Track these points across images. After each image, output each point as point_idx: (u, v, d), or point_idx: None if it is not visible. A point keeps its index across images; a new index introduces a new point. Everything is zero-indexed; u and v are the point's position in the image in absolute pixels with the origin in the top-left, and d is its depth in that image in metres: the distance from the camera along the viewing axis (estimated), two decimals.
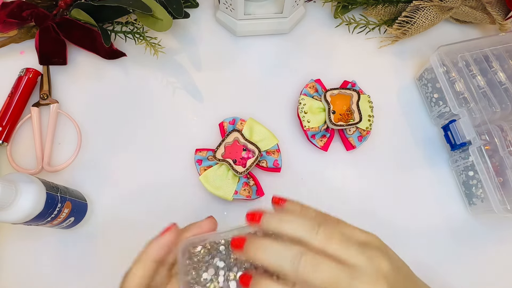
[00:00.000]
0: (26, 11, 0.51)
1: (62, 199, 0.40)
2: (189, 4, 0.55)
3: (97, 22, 0.49)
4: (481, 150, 0.44)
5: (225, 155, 0.46)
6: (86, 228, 0.46)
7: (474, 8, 0.55)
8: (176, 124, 0.51)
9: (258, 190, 0.46)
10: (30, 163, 0.49)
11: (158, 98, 0.52)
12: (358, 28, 0.57)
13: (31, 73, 0.51)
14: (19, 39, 0.53)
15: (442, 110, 0.50)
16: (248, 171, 0.45)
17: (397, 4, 0.54)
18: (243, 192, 0.45)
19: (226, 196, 0.45)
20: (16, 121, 0.50)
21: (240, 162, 0.46)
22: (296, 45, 0.56)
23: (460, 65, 0.48)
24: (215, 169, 0.46)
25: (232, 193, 0.45)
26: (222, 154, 0.46)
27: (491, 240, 0.48)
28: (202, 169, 0.46)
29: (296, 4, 0.52)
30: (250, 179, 0.47)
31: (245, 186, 0.46)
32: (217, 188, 0.45)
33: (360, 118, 0.48)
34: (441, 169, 0.51)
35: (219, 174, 0.46)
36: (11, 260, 0.45)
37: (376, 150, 0.51)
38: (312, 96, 0.50)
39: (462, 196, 0.49)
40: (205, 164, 0.47)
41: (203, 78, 0.54)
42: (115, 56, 0.53)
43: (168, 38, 0.55)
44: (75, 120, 0.51)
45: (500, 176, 0.44)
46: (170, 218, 0.47)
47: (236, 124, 0.49)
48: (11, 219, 0.35)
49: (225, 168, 0.46)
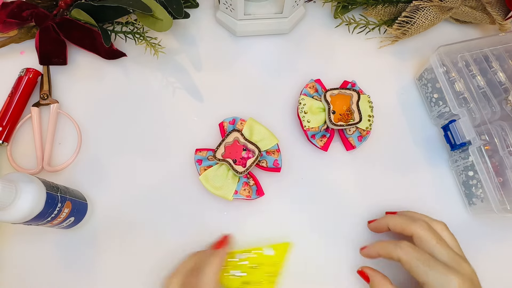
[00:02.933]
0: (26, 11, 0.51)
1: (62, 199, 0.40)
2: (189, 4, 0.55)
3: (97, 22, 0.49)
4: (481, 150, 0.44)
5: (225, 155, 0.46)
6: (86, 228, 0.46)
7: (474, 8, 0.55)
8: (176, 124, 0.51)
9: (258, 190, 0.46)
10: (30, 163, 0.49)
11: (158, 98, 0.52)
12: (358, 28, 0.57)
13: (31, 73, 0.51)
14: (19, 39, 0.53)
15: (442, 110, 0.50)
16: (248, 171, 0.45)
17: (397, 4, 0.54)
18: (243, 192, 0.45)
19: (226, 196, 0.45)
20: (16, 121, 0.50)
21: (240, 162, 0.46)
22: (296, 45, 0.56)
23: (460, 65, 0.48)
24: (215, 169, 0.46)
25: (232, 193, 0.45)
26: (222, 154, 0.46)
27: (491, 240, 0.48)
28: (202, 169, 0.46)
29: (296, 4, 0.52)
30: (250, 179, 0.47)
31: (245, 186, 0.46)
32: (217, 188, 0.45)
33: (360, 118, 0.48)
34: (441, 169, 0.51)
35: (219, 174, 0.46)
36: (11, 260, 0.45)
37: (376, 150, 0.51)
38: (312, 96, 0.50)
39: (462, 196, 0.49)
40: (205, 164, 0.47)
41: (203, 78, 0.54)
42: (115, 56, 0.53)
43: (168, 38, 0.55)
44: (75, 120, 0.51)
45: (500, 176, 0.44)
46: (170, 218, 0.47)
47: (236, 124, 0.49)
48: (11, 219, 0.35)
49: (225, 168, 0.46)
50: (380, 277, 0.40)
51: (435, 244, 0.38)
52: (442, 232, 0.40)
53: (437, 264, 0.36)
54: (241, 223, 0.47)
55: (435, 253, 0.37)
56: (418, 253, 0.37)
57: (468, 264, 0.37)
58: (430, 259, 0.36)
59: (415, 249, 0.37)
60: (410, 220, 0.40)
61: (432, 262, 0.36)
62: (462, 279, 0.35)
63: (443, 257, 0.37)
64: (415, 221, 0.40)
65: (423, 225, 0.39)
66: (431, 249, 0.37)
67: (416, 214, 0.43)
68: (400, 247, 0.38)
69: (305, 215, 0.48)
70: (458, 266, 0.36)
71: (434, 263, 0.36)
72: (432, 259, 0.36)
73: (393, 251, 0.38)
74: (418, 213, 0.44)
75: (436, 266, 0.36)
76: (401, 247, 0.38)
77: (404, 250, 0.37)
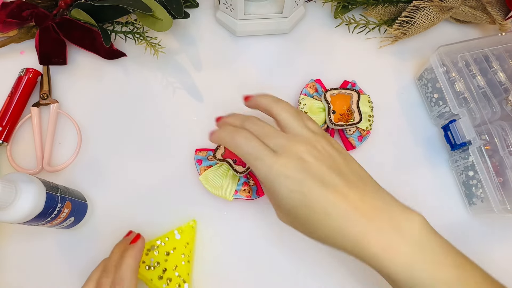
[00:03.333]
0: (26, 11, 0.51)
1: (62, 199, 0.40)
2: (189, 4, 0.55)
3: (97, 22, 0.49)
4: (481, 150, 0.44)
5: (225, 155, 0.46)
6: (86, 228, 0.46)
7: (474, 8, 0.55)
8: (176, 124, 0.51)
9: (258, 190, 0.46)
10: (30, 163, 0.49)
11: (158, 98, 0.52)
12: (358, 28, 0.57)
13: (31, 73, 0.51)
14: (19, 39, 0.53)
15: (442, 110, 0.50)
16: (248, 171, 0.45)
17: (397, 4, 0.54)
18: (243, 192, 0.45)
19: (226, 196, 0.45)
20: (16, 121, 0.50)
21: (240, 162, 0.46)
22: (296, 45, 0.56)
23: (460, 65, 0.48)
24: (215, 169, 0.46)
25: (232, 193, 0.45)
26: (222, 154, 0.46)
27: (491, 240, 0.48)
28: (202, 169, 0.46)
29: (296, 4, 0.52)
30: (250, 179, 0.47)
31: (245, 186, 0.46)
32: (217, 188, 0.45)
33: (360, 118, 0.48)
34: (441, 169, 0.51)
35: (219, 174, 0.46)
36: (11, 260, 0.45)
37: (376, 150, 0.51)
38: (312, 96, 0.50)
39: (462, 196, 0.49)
40: (205, 164, 0.47)
41: (203, 78, 0.54)
42: (115, 56, 0.53)
43: (168, 38, 0.55)
44: (75, 120, 0.51)
45: (500, 176, 0.44)
46: (170, 218, 0.47)
47: None
48: (11, 219, 0.35)
49: (225, 168, 0.46)
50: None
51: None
52: (281, 113, 0.38)
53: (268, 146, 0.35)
54: (241, 223, 0.47)
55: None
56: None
57: (302, 142, 0.35)
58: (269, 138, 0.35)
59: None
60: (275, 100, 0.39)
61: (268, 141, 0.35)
62: (286, 159, 0.34)
63: (270, 144, 0.35)
64: (279, 102, 0.38)
65: (286, 107, 0.38)
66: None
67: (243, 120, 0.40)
68: (280, 105, 0.37)
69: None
70: (292, 147, 0.34)
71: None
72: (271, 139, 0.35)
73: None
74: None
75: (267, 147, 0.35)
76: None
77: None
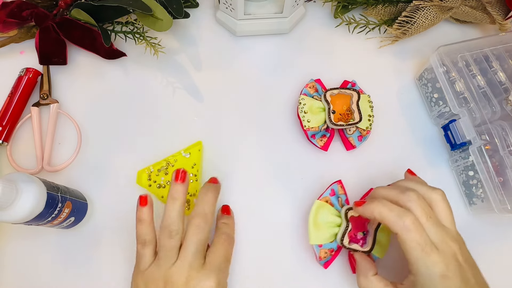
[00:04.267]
0: (26, 11, 0.51)
1: (62, 199, 0.40)
2: (189, 4, 0.55)
3: (97, 22, 0.49)
4: (481, 150, 0.44)
5: (353, 224, 0.43)
6: (87, 228, 0.46)
7: (474, 8, 0.55)
8: (176, 124, 0.51)
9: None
10: (30, 163, 0.49)
11: (158, 98, 0.52)
12: (358, 28, 0.57)
13: (31, 73, 0.51)
14: (19, 39, 0.53)
15: (442, 110, 0.50)
16: (348, 251, 0.44)
17: (397, 4, 0.54)
18: (322, 254, 0.43)
19: (312, 235, 0.43)
20: (16, 121, 0.50)
21: (354, 239, 0.43)
22: (296, 45, 0.56)
23: (460, 65, 0.48)
24: (329, 222, 0.44)
25: (317, 242, 0.43)
26: (352, 215, 0.44)
27: (491, 240, 0.48)
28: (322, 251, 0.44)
29: (296, 4, 0.52)
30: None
31: (329, 252, 0.44)
32: (317, 226, 0.43)
33: (360, 118, 0.48)
34: (441, 169, 0.51)
35: (330, 226, 0.44)
36: (11, 260, 0.45)
37: (376, 150, 0.51)
38: (312, 96, 0.50)
39: (462, 196, 0.49)
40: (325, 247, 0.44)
41: (203, 78, 0.54)
42: (115, 56, 0.53)
43: (168, 38, 0.55)
44: (75, 120, 0.51)
45: (500, 176, 0.44)
46: None
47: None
48: (11, 219, 0.35)
49: (337, 230, 0.44)
50: (367, 261, 0.39)
51: (424, 222, 0.35)
52: (438, 203, 0.37)
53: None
54: (241, 224, 0.47)
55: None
56: (421, 236, 0.35)
57: (455, 241, 0.36)
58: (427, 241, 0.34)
59: (418, 230, 0.35)
60: (399, 191, 0.38)
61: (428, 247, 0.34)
62: (443, 258, 0.34)
63: (431, 236, 0.35)
64: (404, 193, 0.37)
65: (412, 198, 0.36)
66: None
67: (410, 182, 0.40)
68: (404, 221, 0.35)
69: (305, 215, 0.48)
70: (442, 245, 0.35)
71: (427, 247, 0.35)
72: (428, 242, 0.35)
73: (396, 222, 0.35)
74: (415, 178, 0.42)
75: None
76: (404, 221, 0.35)
77: (407, 227, 0.35)
